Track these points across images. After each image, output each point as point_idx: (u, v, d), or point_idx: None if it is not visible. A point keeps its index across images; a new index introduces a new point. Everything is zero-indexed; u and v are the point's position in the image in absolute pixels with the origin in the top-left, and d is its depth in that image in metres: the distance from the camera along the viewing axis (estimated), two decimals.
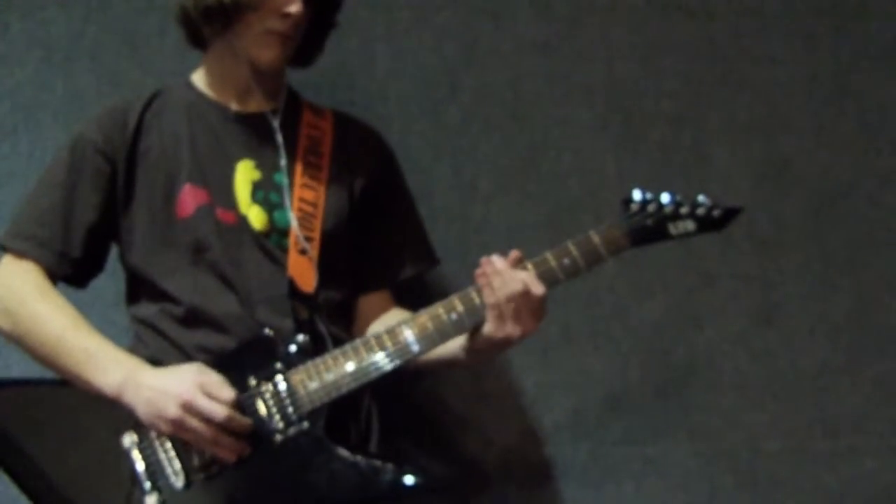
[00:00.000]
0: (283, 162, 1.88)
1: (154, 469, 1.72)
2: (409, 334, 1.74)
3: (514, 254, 1.74)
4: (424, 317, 1.75)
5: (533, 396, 2.31)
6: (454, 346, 1.81)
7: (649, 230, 1.75)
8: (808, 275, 2.32)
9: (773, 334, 2.32)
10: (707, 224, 1.76)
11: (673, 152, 2.34)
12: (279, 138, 1.89)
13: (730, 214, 1.76)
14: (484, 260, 1.73)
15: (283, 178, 1.88)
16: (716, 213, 1.75)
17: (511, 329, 1.71)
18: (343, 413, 1.80)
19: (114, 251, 1.95)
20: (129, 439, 1.74)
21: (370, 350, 1.74)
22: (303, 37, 1.89)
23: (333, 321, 1.88)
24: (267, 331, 1.77)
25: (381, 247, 2.00)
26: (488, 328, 1.73)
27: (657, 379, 2.31)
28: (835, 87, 2.34)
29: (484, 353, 1.80)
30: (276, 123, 1.91)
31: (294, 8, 1.80)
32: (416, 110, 2.34)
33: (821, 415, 2.31)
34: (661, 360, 2.31)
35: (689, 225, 1.75)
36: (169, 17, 2.33)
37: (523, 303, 1.70)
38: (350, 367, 1.73)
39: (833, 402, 2.31)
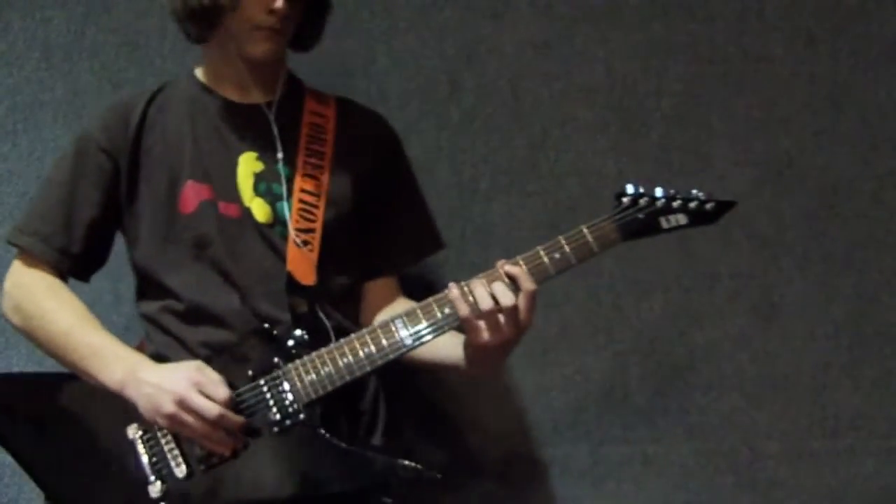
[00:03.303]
0: (280, 154, 1.89)
1: (158, 459, 1.77)
2: (402, 328, 1.75)
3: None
4: (418, 311, 1.76)
5: (533, 396, 2.31)
6: (453, 352, 1.82)
7: (640, 224, 1.75)
8: (808, 275, 2.32)
9: (773, 334, 2.32)
10: (699, 218, 1.76)
11: (673, 152, 2.34)
12: (274, 129, 1.90)
13: (722, 208, 1.76)
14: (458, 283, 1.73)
15: (284, 169, 1.89)
16: (708, 206, 1.75)
17: (489, 337, 1.71)
18: (346, 403, 1.83)
19: (120, 249, 1.96)
20: (133, 431, 1.78)
21: (364, 344, 1.75)
22: (300, 21, 1.90)
23: (338, 310, 1.89)
24: (266, 325, 1.80)
25: (386, 232, 2.00)
26: (467, 336, 1.75)
27: (657, 379, 2.31)
28: (835, 87, 2.34)
29: (477, 361, 1.79)
30: (272, 115, 1.91)
31: (278, 3, 1.80)
32: (416, 110, 2.34)
33: (821, 415, 2.31)
34: (661, 360, 2.31)
35: (682, 218, 1.75)
36: (169, 17, 2.35)
37: (504, 314, 1.69)
38: (345, 360, 1.75)
39: (833, 402, 2.31)
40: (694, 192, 1.76)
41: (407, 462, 1.75)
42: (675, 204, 1.75)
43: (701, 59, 2.35)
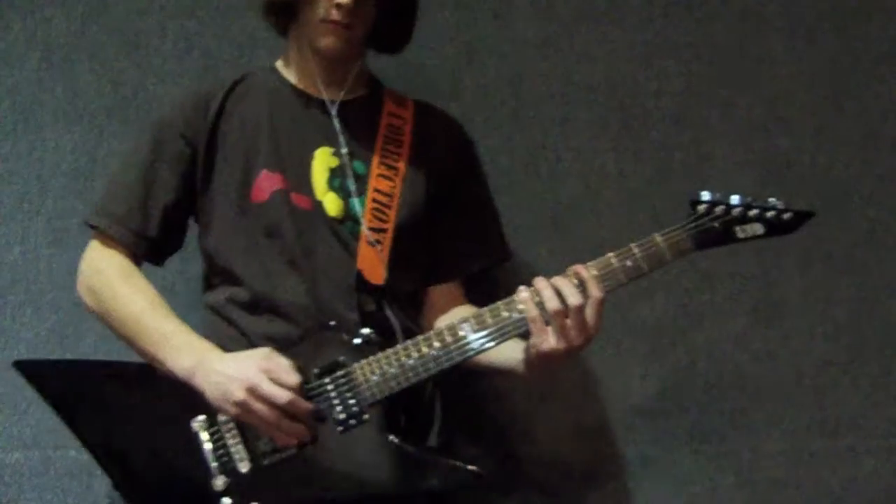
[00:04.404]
0: (344, 150, 1.90)
1: (222, 453, 1.77)
2: (469, 332, 1.74)
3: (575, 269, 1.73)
4: (486, 314, 1.75)
5: (533, 397, 2.31)
6: (513, 356, 1.82)
7: (715, 233, 1.73)
8: (808, 275, 2.32)
9: (773, 334, 2.32)
10: (776, 228, 1.73)
11: (673, 152, 2.34)
12: (338, 126, 1.91)
13: (801, 218, 1.73)
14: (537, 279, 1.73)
15: (360, 167, 1.90)
16: (786, 216, 1.73)
17: (555, 342, 1.71)
18: (405, 403, 1.82)
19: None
20: (198, 423, 1.78)
21: (430, 346, 1.75)
22: (381, 22, 1.91)
23: (403, 311, 1.89)
24: (332, 323, 1.79)
25: (453, 238, 1.99)
26: (532, 339, 1.74)
27: (657, 379, 2.31)
28: (835, 87, 2.34)
29: (538, 366, 1.78)
30: (335, 111, 1.92)
31: None
32: None
33: (821, 415, 2.31)
34: (661, 360, 2.31)
35: (758, 228, 1.73)
36: (169, 17, 2.35)
37: (571, 317, 1.69)
38: (410, 362, 1.75)
39: (833, 402, 2.31)
40: (771, 200, 1.73)
41: (469, 466, 1.76)
42: (752, 213, 1.73)
43: (701, 59, 2.35)
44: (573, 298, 1.69)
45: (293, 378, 1.73)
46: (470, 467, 1.76)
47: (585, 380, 2.31)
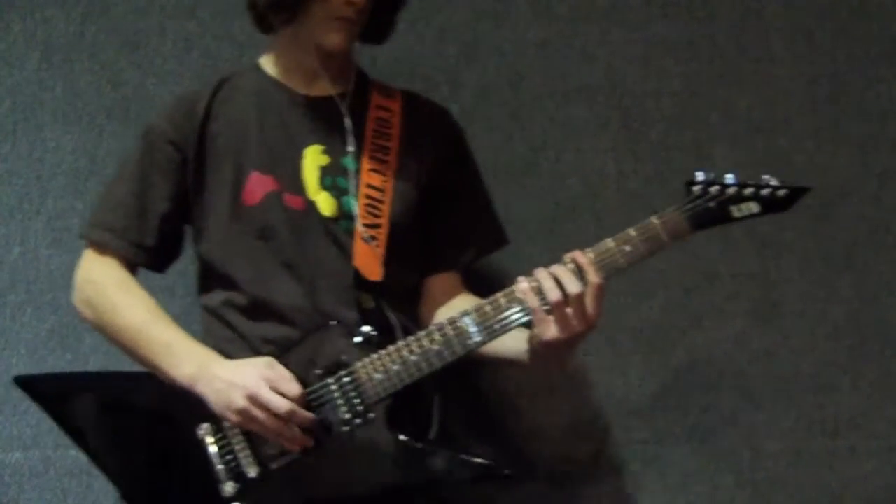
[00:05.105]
0: (351, 147, 1.89)
1: (230, 458, 1.77)
2: (470, 324, 1.74)
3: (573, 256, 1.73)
4: (486, 307, 1.75)
5: (532, 397, 2.31)
6: (515, 347, 1.82)
7: (711, 213, 1.72)
8: (808, 275, 2.32)
9: (773, 334, 2.32)
10: (772, 205, 1.72)
11: (673, 152, 2.34)
12: (348, 123, 1.90)
13: (796, 194, 1.72)
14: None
15: (350, 163, 1.89)
16: (781, 193, 1.72)
17: (557, 332, 1.70)
18: (406, 400, 1.81)
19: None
20: (204, 430, 1.78)
21: (433, 341, 1.75)
22: (373, 14, 1.90)
23: (402, 306, 1.88)
24: (332, 322, 1.79)
25: (449, 226, 1.99)
26: (534, 329, 1.74)
27: (657, 379, 2.31)
28: (835, 87, 2.34)
29: (541, 356, 1.78)
30: (344, 107, 1.91)
31: None
32: None
33: (821, 415, 2.31)
34: (661, 360, 2.31)
35: (753, 207, 1.71)
36: (169, 17, 2.35)
37: (572, 305, 1.69)
38: (413, 358, 1.75)
39: (833, 402, 2.31)
40: (765, 177, 1.72)
41: (478, 459, 1.76)
42: (747, 192, 1.71)
43: (701, 59, 2.35)
44: (572, 286, 1.69)
45: (294, 388, 1.73)
46: (479, 460, 1.76)
47: (585, 379, 2.31)
